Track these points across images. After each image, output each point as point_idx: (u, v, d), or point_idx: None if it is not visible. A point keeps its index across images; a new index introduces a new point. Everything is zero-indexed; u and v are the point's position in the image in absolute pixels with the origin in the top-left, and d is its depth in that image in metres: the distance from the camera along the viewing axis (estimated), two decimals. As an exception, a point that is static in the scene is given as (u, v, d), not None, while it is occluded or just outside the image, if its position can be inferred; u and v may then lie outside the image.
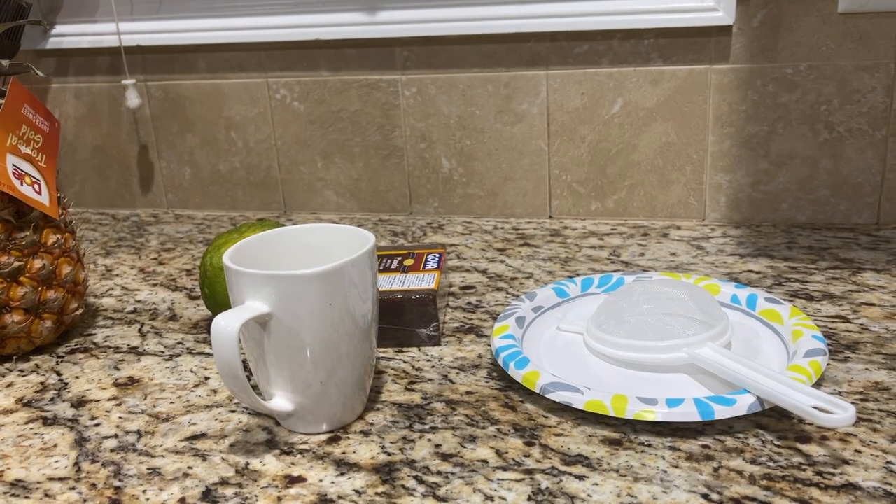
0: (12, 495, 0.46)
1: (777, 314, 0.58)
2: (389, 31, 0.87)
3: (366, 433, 0.50)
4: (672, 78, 0.82)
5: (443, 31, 0.85)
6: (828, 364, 0.54)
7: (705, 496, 0.42)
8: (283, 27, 0.90)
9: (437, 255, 0.67)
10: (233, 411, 0.53)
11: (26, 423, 0.53)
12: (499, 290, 0.71)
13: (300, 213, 0.97)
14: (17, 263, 0.59)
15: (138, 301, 0.73)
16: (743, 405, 0.47)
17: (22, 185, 0.59)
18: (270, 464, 0.47)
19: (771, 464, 0.44)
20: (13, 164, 0.59)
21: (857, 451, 0.45)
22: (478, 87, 0.87)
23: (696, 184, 0.84)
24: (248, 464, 0.47)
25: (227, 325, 0.44)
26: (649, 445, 0.47)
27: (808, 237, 0.79)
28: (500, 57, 0.86)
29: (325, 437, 0.50)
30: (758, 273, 0.70)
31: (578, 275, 0.72)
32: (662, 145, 0.84)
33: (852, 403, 0.48)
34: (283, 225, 0.58)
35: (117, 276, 0.80)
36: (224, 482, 0.46)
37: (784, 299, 0.64)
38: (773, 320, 0.58)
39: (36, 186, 0.60)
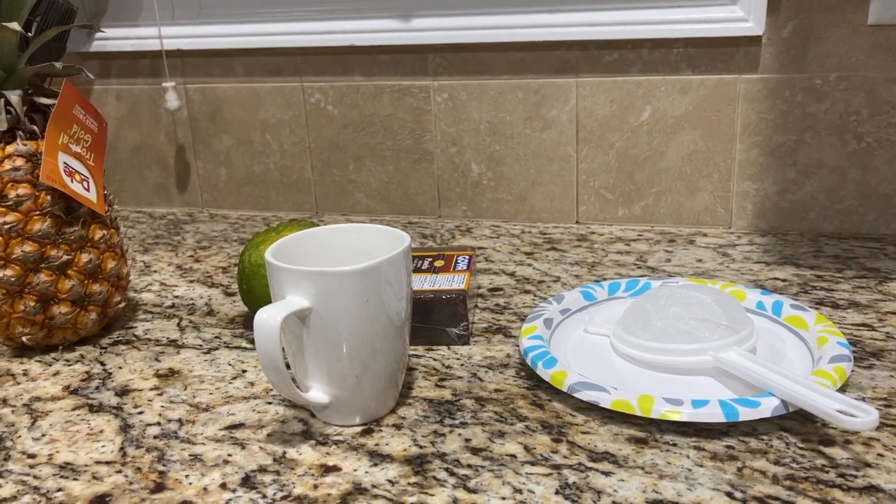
0: (62, 477, 0.48)
1: (802, 321, 0.59)
2: (422, 38, 0.89)
3: (398, 426, 0.51)
4: (701, 87, 0.83)
5: (474, 38, 0.87)
6: (852, 370, 0.55)
7: (729, 494, 0.43)
8: (319, 33, 0.92)
9: (467, 257, 0.69)
10: (269, 403, 0.55)
11: (73, 409, 0.56)
12: (526, 292, 0.72)
13: (331, 214, 1.00)
14: (65, 257, 0.62)
15: (176, 296, 0.76)
16: (767, 407, 0.48)
17: (72, 182, 0.61)
18: (306, 453, 0.49)
19: (794, 465, 0.45)
20: (64, 162, 0.62)
21: (880, 455, 0.46)
22: (508, 93, 0.89)
23: (723, 192, 0.85)
24: (285, 453, 0.49)
25: (269, 318, 0.46)
26: (674, 445, 0.48)
27: (834, 246, 0.79)
28: (530, 64, 0.87)
29: (358, 429, 0.51)
30: (784, 281, 0.71)
31: (605, 279, 0.74)
32: (690, 153, 0.85)
33: (876, 408, 0.49)
34: (318, 225, 0.60)
35: (155, 272, 0.83)
36: (262, 469, 0.48)
37: (810, 307, 0.65)
38: (799, 327, 0.59)
39: (85, 184, 0.63)
